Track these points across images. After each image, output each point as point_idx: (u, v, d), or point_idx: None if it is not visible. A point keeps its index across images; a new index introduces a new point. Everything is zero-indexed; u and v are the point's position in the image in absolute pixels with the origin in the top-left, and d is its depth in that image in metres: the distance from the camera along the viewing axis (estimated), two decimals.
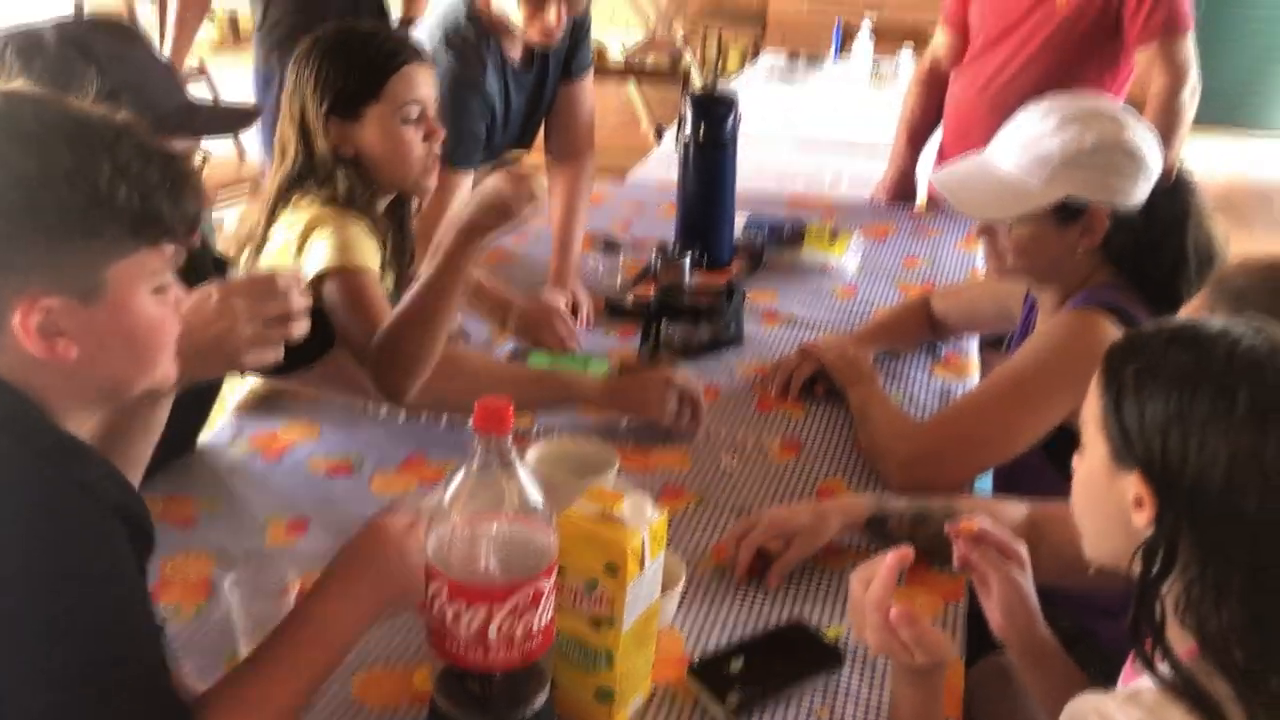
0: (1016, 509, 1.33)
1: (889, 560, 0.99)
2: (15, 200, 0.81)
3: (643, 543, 1.01)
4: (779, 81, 4.24)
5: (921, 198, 2.79)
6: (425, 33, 2.00)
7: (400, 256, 1.65)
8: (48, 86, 0.92)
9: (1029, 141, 1.50)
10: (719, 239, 2.16)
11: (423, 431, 1.58)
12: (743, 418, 1.68)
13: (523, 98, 2.07)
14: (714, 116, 2.03)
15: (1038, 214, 1.50)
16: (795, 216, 2.37)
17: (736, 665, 1.14)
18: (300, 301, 1.12)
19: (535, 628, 0.94)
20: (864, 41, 4.11)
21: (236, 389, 1.65)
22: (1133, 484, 0.86)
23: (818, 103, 3.94)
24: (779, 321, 2.00)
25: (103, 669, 0.81)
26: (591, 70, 2.19)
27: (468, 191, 1.95)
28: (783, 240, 2.26)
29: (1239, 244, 1.53)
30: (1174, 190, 1.52)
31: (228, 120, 1.43)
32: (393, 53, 1.56)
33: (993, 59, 2.53)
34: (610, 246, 2.21)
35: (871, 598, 0.97)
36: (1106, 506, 0.90)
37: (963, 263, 2.32)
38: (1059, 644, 1.14)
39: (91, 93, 1.01)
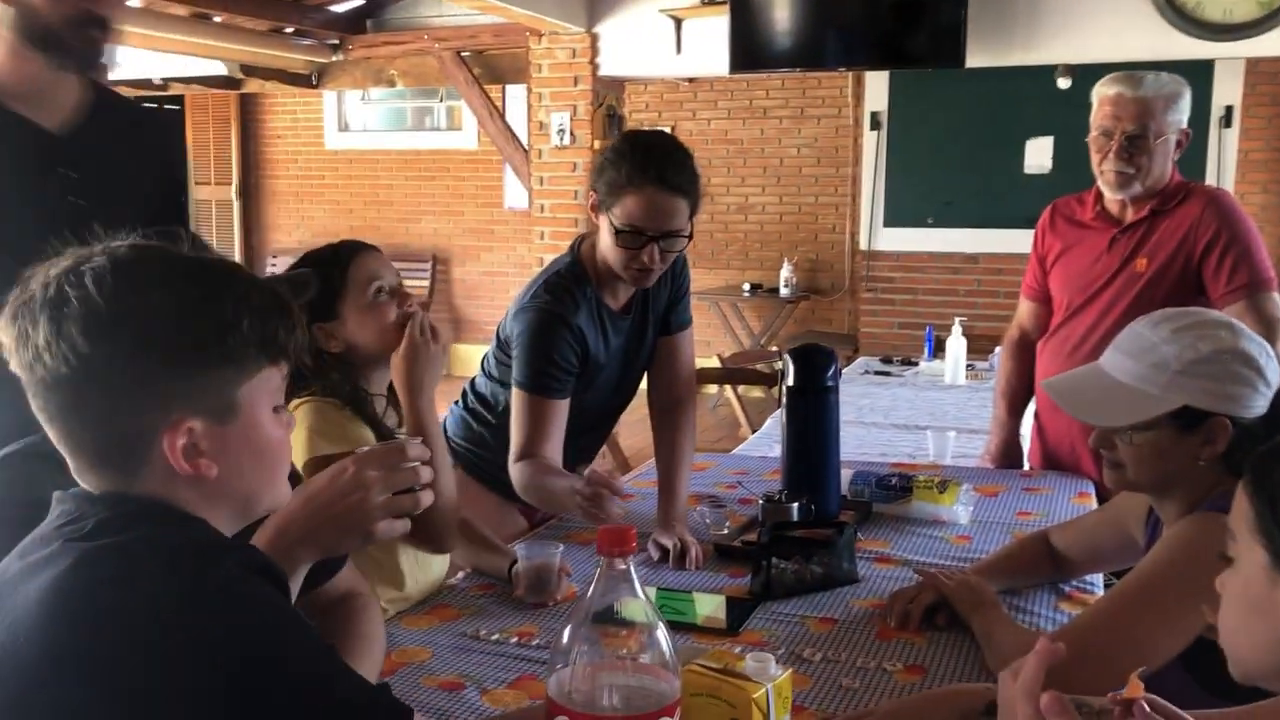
0: None
1: (1040, 647, 0.93)
2: (156, 334, 0.90)
3: (767, 697, 0.98)
4: (875, 379, 4.37)
5: (1027, 464, 2.78)
6: (529, 286, 2.14)
7: None
8: None
9: (1143, 350, 1.49)
10: (826, 490, 2.16)
11: (535, 654, 1.56)
12: (862, 646, 1.62)
13: (620, 341, 2.16)
14: (814, 365, 2.10)
15: (1157, 422, 1.47)
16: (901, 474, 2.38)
17: None
18: (428, 473, 1.17)
19: None
20: (957, 338, 4.25)
21: None
22: None
23: (915, 394, 4.03)
24: (893, 564, 1.97)
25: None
26: (691, 327, 2.31)
27: (563, 419, 2.05)
28: (891, 492, 2.25)
29: None
30: None
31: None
32: (342, 248, 1.75)
33: (1079, 325, 2.59)
34: (715, 501, 2.24)
35: (1022, 686, 0.91)
36: (1270, 615, 0.85)
37: (1078, 515, 2.27)
38: None
39: None
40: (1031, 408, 2.82)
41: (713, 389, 7.47)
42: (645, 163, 1.94)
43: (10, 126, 1.94)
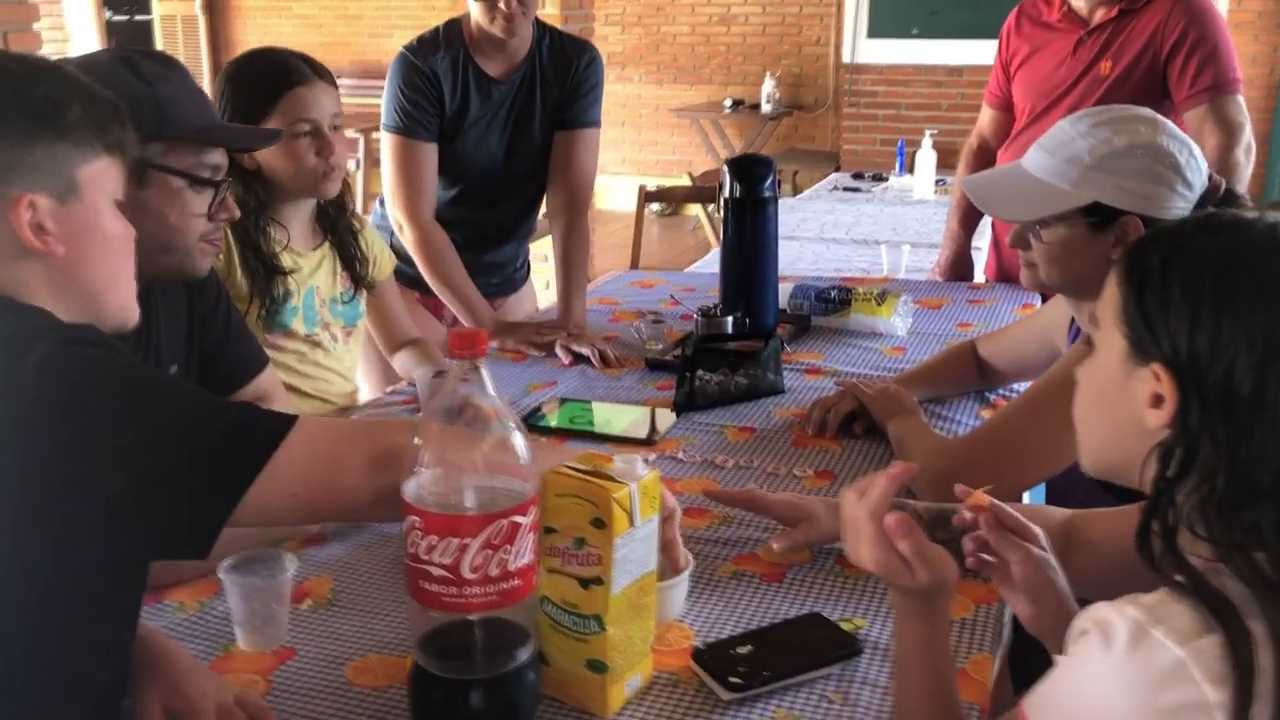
0: (1054, 513, 1.25)
1: (891, 470, 0.92)
2: None
3: (630, 496, 0.98)
4: (843, 195, 4.30)
5: (979, 277, 2.76)
6: None
7: (348, 254, 1.88)
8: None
9: (1060, 145, 1.46)
10: (762, 302, 2.14)
11: None
12: (776, 452, 1.63)
13: (498, 106, 2.18)
14: (752, 176, 2.05)
15: (1068, 218, 1.44)
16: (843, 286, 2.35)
17: (744, 650, 1.08)
18: None
19: (511, 566, 0.91)
20: (926, 151, 4.15)
21: None
22: (1150, 380, 0.80)
23: (880, 210, 3.97)
24: (822, 375, 1.97)
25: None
26: (596, 130, 2.28)
27: (430, 167, 2.15)
28: (829, 305, 2.24)
29: None
30: (1220, 204, 1.46)
31: (252, 138, 1.52)
32: (285, 73, 1.70)
33: (1040, 131, 2.47)
34: (656, 317, 2.23)
35: (868, 505, 0.90)
36: (1118, 407, 0.84)
37: None
38: None
39: (141, 102, 1.18)
40: (988, 220, 2.77)
41: (693, 210, 7.38)
42: None
43: None
